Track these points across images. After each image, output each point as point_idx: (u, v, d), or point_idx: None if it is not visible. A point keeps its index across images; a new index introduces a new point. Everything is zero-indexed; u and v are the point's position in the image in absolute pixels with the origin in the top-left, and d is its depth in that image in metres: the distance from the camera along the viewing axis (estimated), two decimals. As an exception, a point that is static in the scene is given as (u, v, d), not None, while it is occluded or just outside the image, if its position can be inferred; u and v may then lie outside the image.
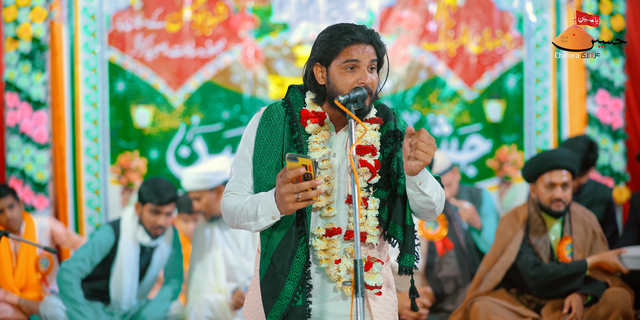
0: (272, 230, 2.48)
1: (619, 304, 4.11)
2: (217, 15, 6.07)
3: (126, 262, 4.58)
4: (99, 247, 4.54)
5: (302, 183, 2.25)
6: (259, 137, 2.52)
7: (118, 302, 4.61)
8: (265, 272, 2.47)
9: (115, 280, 4.59)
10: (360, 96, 2.40)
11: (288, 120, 2.52)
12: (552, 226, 4.39)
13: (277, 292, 2.45)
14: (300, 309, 2.45)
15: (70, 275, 4.47)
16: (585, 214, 4.44)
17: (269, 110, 2.55)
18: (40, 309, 4.51)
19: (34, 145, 5.80)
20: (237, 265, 4.82)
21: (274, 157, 2.49)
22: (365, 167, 2.47)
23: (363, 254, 2.49)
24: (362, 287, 2.27)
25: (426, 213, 2.48)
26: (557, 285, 4.26)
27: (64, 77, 5.90)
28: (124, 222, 4.64)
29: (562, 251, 4.33)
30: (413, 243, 2.50)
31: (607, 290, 4.19)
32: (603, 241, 4.39)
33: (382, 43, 2.50)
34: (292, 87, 2.60)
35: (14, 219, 4.75)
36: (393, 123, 2.54)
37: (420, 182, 2.37)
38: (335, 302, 2.51)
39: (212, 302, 4.68)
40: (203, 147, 6.10)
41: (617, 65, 6.07)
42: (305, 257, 2.44)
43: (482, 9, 6.20)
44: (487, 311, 4.22)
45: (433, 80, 6.20)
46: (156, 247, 4.71)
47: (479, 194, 5.40)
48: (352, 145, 2.36)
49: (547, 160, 4.34)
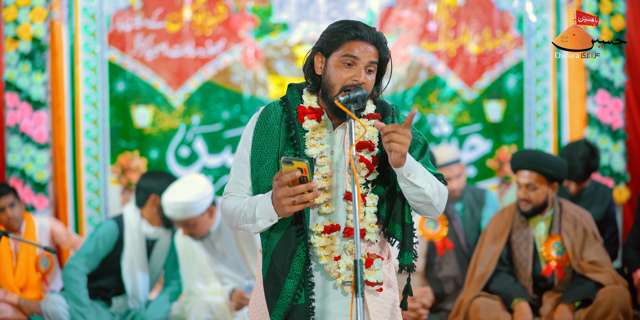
0: (270, 230, 2.49)
1: (617, 301, 4.12)
2: (217, 15, 6.07)
3: (136, 255, 4.61)
4: (103, 242, 4.56)
5: (298, 186, 2.26)
6: (256, 137, 2.52)
7: (136, 295, 4.63)
8: (267, 272, 2.48)
9: (128, 274, 4.60)
10: (360, 96, 2.41)
11: (285, 118, 2.52)
12: (537, 224, 4.43)
13: (278, 291, 2.45)
14: (303, 307, 2.45)
15: (77, 272, 4.48)
16: (577, 212, 4.45)
17: (266, 110, 2.55)
18: (41, 305, 4.52)
19: (34, 145, 5.80)
20: (224, 272, 4.78)
21: (271, 157, 2.49)
22: (363, 163, 2.47)
23: (363, 251, 2.49)
24: (362, 287, 2.26)
25: (425, 208, 2.46)
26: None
27: (64, 77, 5.90)
28: (127, 216, 4.67)
29: (548, 249, 4.35)
30: (411, 241, 2.50)
31: (604, 289, 4.18)
32: (596, 239, 4.39)
33: (386, 47, 2.49)
34: (290, 86, 2.60)
35: (15, 218, 4.76)
36: (391, 118, 2.54)
37: (409, 174, 2.36)
38: (337, 301, 2.51)
39: (211, 304, 4.68)
40: (203, 147, 6.10)
41: (617, 65, 6.07)
42: (304, 255, 2.45)
43: (482, 9, 6.20)
44: (487, 309, 4.23)
45: (433, 80, 6.19)
46: (156, 242, 4.72)
47: (483, 195, 5.41)
48: (352, 146, 2.35)
49: (518, 159, 4.45)
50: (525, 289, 4.35)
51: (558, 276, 4.34)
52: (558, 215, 4.41)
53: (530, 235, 4.40)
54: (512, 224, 4.46)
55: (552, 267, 4.33)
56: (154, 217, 4.71)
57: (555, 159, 4.46)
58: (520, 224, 4.44)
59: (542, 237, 4.41)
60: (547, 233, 4.40)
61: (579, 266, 4.30)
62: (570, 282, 4.34)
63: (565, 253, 4.33)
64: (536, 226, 4.43)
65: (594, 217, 4.91)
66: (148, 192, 4.69)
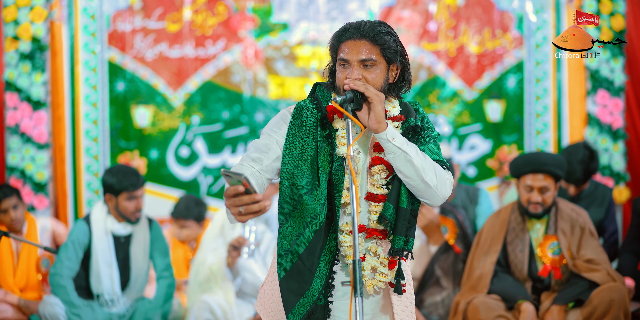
0: (305, 227, 2.45)
1: (615, 300, 4.11)
2: (217, 15, 6.07)
3: (100, 252, 4.57)
4: (77, 243, 4.55)
5: (242, 197, 2.22)
6: (291, 132, 2.51)
7: (101, 293, 4.58)
8: (289, 270, 2.46)
9: (94, 272, 4.57)
10: (347, 98, 2.41)
11: (320, 116, 2.53)
12: (534, 225, 4.42)
13: (303, 290, 2.44)
14: (322, 309, 2.46)
15: (61, 278, 4.47)
16: (574, 211, 4.44)
17: (299, 107, 2.55)
18: (39, 308, 4.51)
19: (34, 145, 5.80)
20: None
21: (309, 154, 2.49)
22: (382, 164, 2.48)
23: (384, 253, 2.50)
24: (362, 287, 2.27)
25: (420, 187, 2.44)
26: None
27: (64, 77, 5.90)
28: (94, 214, 4.63)
29: (544, 250, 4.34)
30: (404, 226, 2.48)
31: (601, 288, 4.17)
32: (593, 236, 4.39)
33: (385, 37, 2.47)
34: (318, 85, 2.61)
35: (18, 219, 4.76)
36: (413, 120, 2.54)
37: (394, 138, 2.39)
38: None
39: (211, 305, 4.68)
40: (203, 147, 6.10)
41: (617, 65, 6.07)
42: (332, 255, 2.46)
43: (482, 9, 6.20)
44: (486, 308, 4.22)
45: (433, 80, 6.19)
46: (131, 237, 4.67)
47: (477, 193, 5.40)
48: (349, 146, 2.37)
49: (528, 163, 4.38)
50: (525, 289, 4.35)
51: (555, 276, 4.33)
52: (554, 215, 4.40)
53: (527, 237, 4.40)
54: (508, 225, 4.45)
55: (549, 268, 4.33)
56: (114, 213, 4.66)
57: (561, 158, 4.46)
58: (517, 225, 4.43)
59: (539, 238, 4.40)
60: (544, 234, 4.39)
61: (575, 266, 4.30)
62: (567, 282, 4.34)
63: (562, 253, 4.32)
64: (533, 227, 4.43)
65: (594, 217, 4.90)
66: (104, 190, 4.65)
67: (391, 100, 2.56)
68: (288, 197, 2.46)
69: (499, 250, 4.40)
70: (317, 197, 2.44)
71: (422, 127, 2.55)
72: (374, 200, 2.48)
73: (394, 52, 2.50)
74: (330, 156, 2.48)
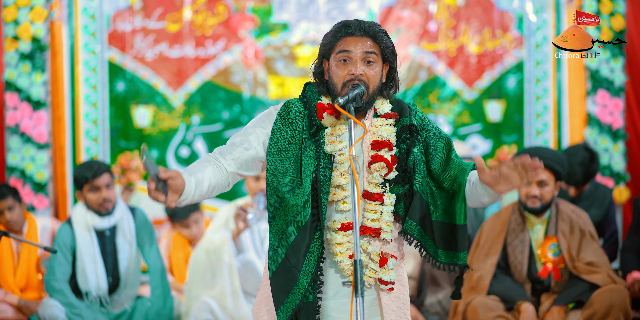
0: (288, 224, 2.46)
1: (616, 302, 4.11)
2: (217, 15, 6.07)
3: (84, 249, 4.53)
4: (64, 246, 4.53)
5: (149, 183, 2.28)
6: (277, 130, 2.51)
7: (89, 291, 4.55)
8: (277, 267, 2.47)
9: (79, 270, 4.55)
10: (358, 94, 2.41)
11: (307, 114, 2.53)
12: (534, 226, 4.42)
13: (290, 287, 2.45)
14: (311, 306, 2.46)
15: (57, 282, 4.46)
16: (574, 212, 4.44)
17: (287, 105, 2.55)
18: (39, 310, 4.50)
19: (34, 145, 5.80)
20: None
21: (293, 151, 2.49)
22: (382, 162, 2.47)
23: (377, 250, 2.50)
24: (362, 287, 2.27)
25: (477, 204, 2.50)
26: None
27: (64, 77, 5.90)
28: (74, 214, 4.59)
29: (544, 251, 4.33)
30: (432, 239, 2.51)
31: (602, 289, 4.16)
32: (593, 239, 4.38)
33: (384, 36, 2.49)
34: (308, 84, 2.61)
35: (14, 221, 4.75)
36: (408, 117, 2.54)
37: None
38: (347, 299, 2.51)
39: (211, 305, 4.67)
40: (203, 147, 6.10)
41: (617, 65, 6.07)
42: (318, 253, 2.46)
43: (482, 9, 6.20)
44: (485, 309, 4.22)
45: (433, 80, 6.19)
46: (116, 231, 4.63)
47: None
48: (351, 146, 2.36)
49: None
50: (524, 290, 4.34)
51: (554, 278, 4.33)
52: (554, 216, 4.39)
53: (527, 238, 4.38)
54: (509, 226, 4.44)
55: (549, 269, 4.33)
56: (91, 208, 4.62)
57: (562, 156, 4.47)
58: (517, 226, 4.42)
59: (539, 239, 4.39)
60: (544, 235, 4.38)
61: (575, 267, 4.29)
62: (567, 284, 4.33)
63: (562, 254, 4.32)
64: (533, 228, 4.42)
65: (594, 217, 4.90)
66: (76, 188, 4.64)
67: (380, 98, 2.56)
68: (274, 195, 2.48)
69: (500, 252, 4.39)
70: (298, 195, 2.44)
71: (418, 126, 2.55)
72: (370, 198, 2.47)
73: (391, 52, 2.51)
74: (317, 153, 2.48)
